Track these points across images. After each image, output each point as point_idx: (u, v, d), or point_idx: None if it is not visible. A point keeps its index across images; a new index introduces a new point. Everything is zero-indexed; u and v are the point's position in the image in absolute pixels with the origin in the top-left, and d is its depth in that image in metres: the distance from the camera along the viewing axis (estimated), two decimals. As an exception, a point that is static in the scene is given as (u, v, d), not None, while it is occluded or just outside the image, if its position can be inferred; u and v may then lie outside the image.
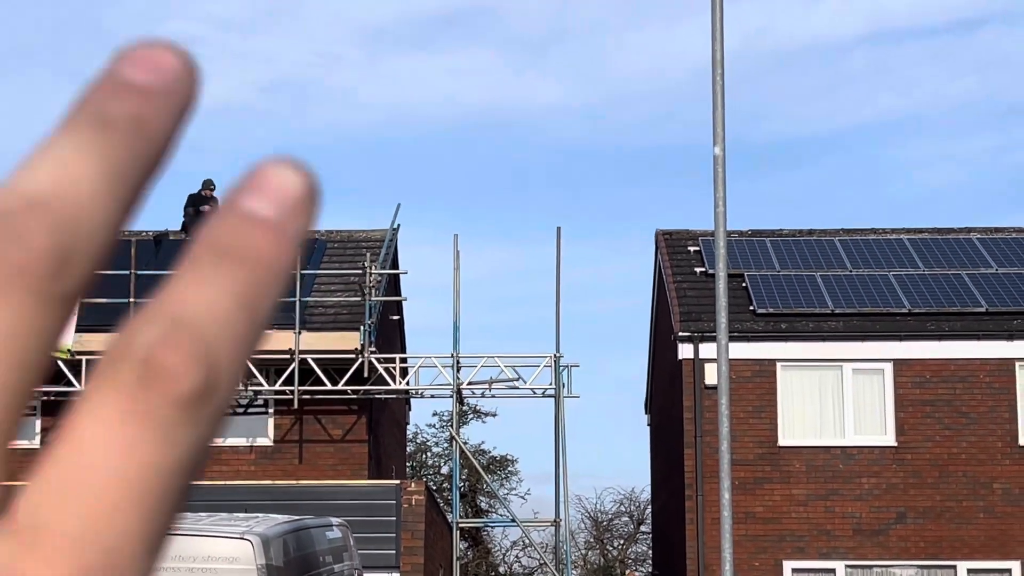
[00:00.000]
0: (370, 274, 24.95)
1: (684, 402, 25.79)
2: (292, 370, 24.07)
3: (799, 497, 25.25)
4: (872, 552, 25.16)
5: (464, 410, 28.85)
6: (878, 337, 25.76)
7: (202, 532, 10.87)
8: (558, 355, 25.57)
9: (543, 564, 39.71)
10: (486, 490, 42.95)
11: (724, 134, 13.65)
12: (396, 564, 19.77)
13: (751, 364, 25.35)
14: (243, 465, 24.71)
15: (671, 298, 27.14)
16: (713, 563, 24.41)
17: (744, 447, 24.60)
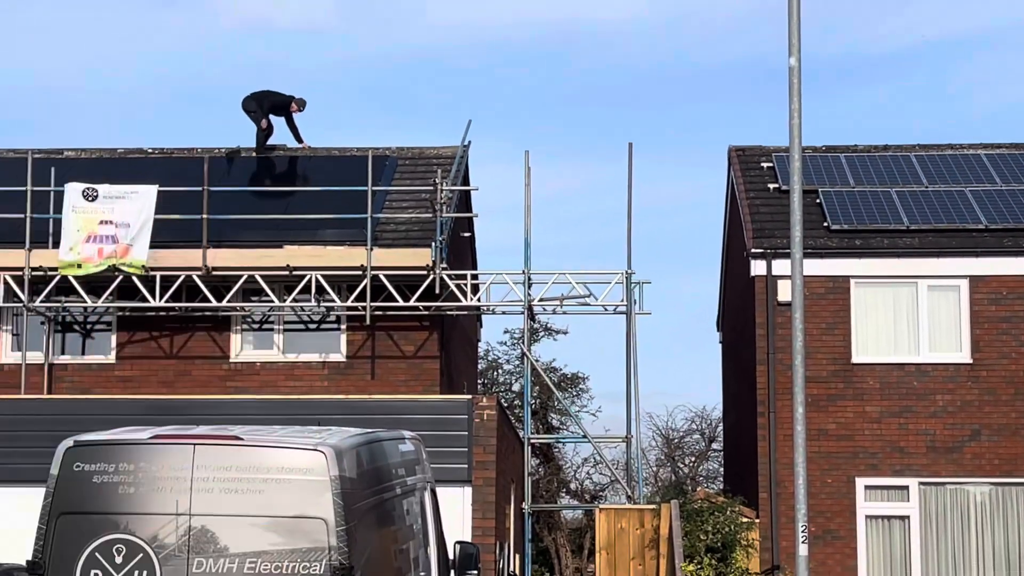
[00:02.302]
0: (441, 191, 25.02)
1: (756, 319, 25.80)
2: (364, 286, 24.22)
3: (872, 414, 25.25)
4: (946, 469, 25.14)
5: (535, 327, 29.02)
6: (954, 253, 25.60)
7: (276, 444, 10.98)
8: (629, 272, 25.60)
9: (614, 481, 40.02)
10: (557, 407, 43.10)
11: (800, 44, 13.51)
12: (468, 478, 19.91)
13: (824, 281, 25.30)
14: (316, 380, 24.94)
15: (744, 215, 27.07)
16: (785, 479, 24.49)
17: (817, 364, 24.63)
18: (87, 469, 10.76)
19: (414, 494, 14.12)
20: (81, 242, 24.30)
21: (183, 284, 24.48)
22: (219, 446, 10.84)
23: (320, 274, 24.34)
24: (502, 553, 21.26)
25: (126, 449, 10.84)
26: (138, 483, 10.69)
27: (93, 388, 24.86)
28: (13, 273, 24.51)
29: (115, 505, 10.65)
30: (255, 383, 24.88)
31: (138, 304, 24.69)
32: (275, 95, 27.91)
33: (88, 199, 24.53)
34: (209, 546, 10.60)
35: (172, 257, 24.54)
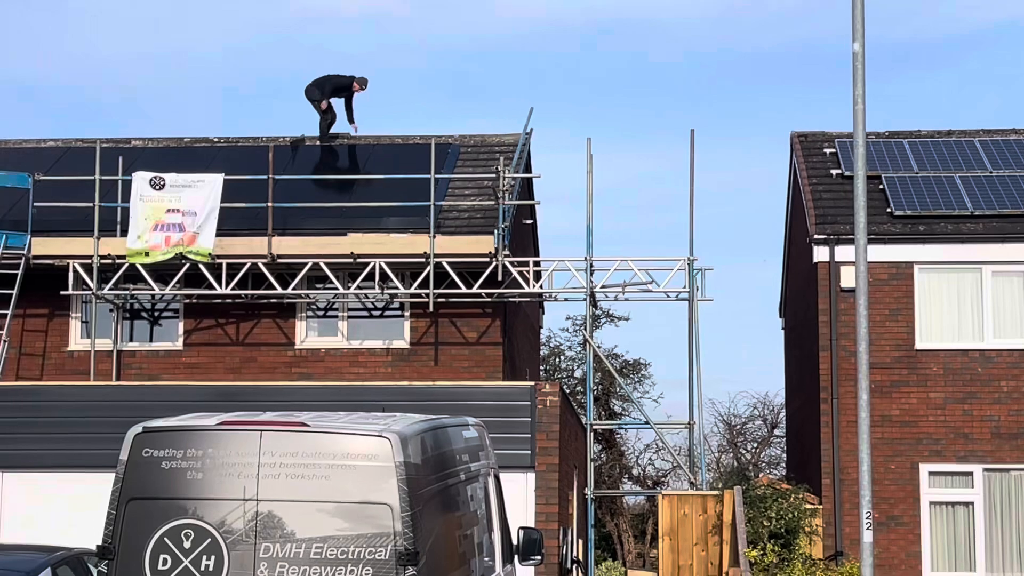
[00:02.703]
0: (503, 178, 25.01)
1: (819, 305, 25.70)
2: (427, 273, 24.28)
3: (936, 400, 25.13)
4: (1011, 456, 25.00)
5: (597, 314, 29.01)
6: (1019, 239, 25.43)
7: (341, 430, 11.02)
8: (692, 258, 25.53)
9: (676, 466, 39.91)
10: (619, 393, 43.16)
11: (863, 30, 13.42)
12: (531, 464, 19.95)
13: (887, 267, 25.20)
14: (380, 367, 25.03)
15: (806, 200, 26.97)
16: (848, 465, 24.47)
17: (880, 350, 24.55)
18: (156, 455, 10.85)
19: (478, 480, 14.16)
20: (149, 230, 24.47)
21: (249, 272, 24.61)
22: (285, 432, 10.90)
23: (384, 261, 24.42)
24: (565, 538, 21.29)
25: (194, 435, 10.92)
26: (206, 469, 10.77)
27: (161, 375, 25.06)
28: (82, 261, 24.71)
29: (183, 490, 10.74)
30: (319, 369, 25.01)
31: (205, 292, 24.84)
32: (337, 78, 28.03)
33: (155, 188, 24.69)
34: (276, 531, 10.67)
35: (238, 245, 24.67)
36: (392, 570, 10.58)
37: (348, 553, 10.61)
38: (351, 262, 24.62)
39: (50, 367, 25.68)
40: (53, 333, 25.85)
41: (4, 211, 25.22)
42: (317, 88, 27.91)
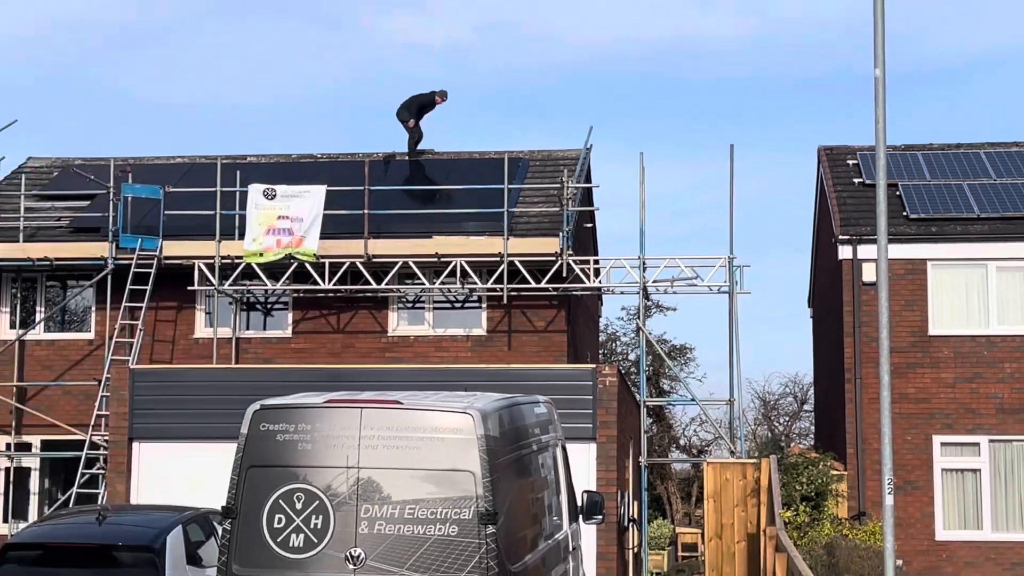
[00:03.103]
0: (567, 188, 25.06)
1: (844, 297, 25.60)
2: (502, 271, 24.33)
3: (947, 380, 25.02)
4: (1013, 428, 24.87)
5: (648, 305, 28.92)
6: (1019, 238, 25.28)
7: (430, 407, 11.08)
8: (731, 256, 25.43)
9: (718, 437, 39.86)
10: (668, 374, 43.06)
11: (884, 56, 13.29)
12: (593, 436, 19.92)
13: (904, 263, 25.07)
14: (461, 351, 25.08)
15: (832, 206, 26.87)
16: (870, 437, 24.40)
17: (898, 336, 24.38)
18: (271, 429, 10.94)
19: (547, 450, 14.17)
20: (262, 234, 24.67)
21: (348, 269, 24.72)
22: (382, 409, 10.96)
23: (464, 260, 24.47)
24: (622, 500, 21.27)
25: (304, 412, 11.00)
26: (314, 441, 10.84)
27: (273, 359, 25.22)
28: (206, 261, 24.94)
29: (295, 459, 10.82)
30: (409, 354, 25.09)
31: (310, 287, 24.99)
32: (420, 96, 28.16)
33: (268, 198, 24.88)
34: (374, 494, 10.72)
35: (338, 247, 24.80)
36: (475, 528, 10.61)
37: (436, 514, 10.65)
38: (436, 261, 24.70)
39: (178, 352, 25.92)
40: (181, 323, 26.09)
41: (139, 218, 25.44)
42: (405, 110, 28.01)
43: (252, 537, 10.76)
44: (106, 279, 25.32)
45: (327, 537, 10.67)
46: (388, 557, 10.60)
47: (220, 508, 11.20)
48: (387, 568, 10.58)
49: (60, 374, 25.91)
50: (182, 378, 21.81)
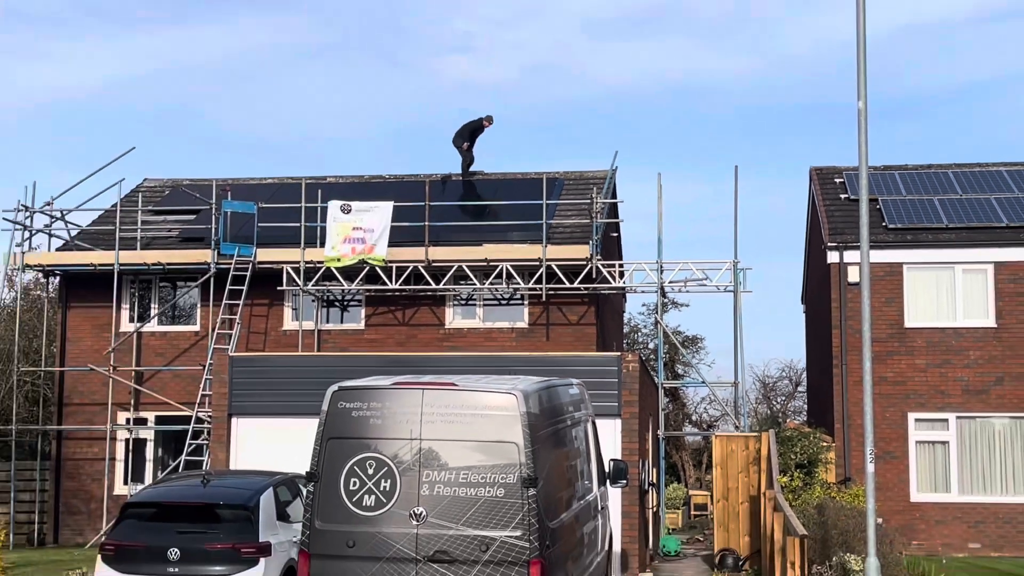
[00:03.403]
0: (596, 203, 25.09)
1: (832, 295, 25.54)
2: (541, 273, 24.36)
3: (920, 365, 24.96)
4: (977, 407, 24.76)
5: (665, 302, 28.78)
6: (982, 245, 25.20)
7: (481, 389, 11.11)
8: (736, 260, 25.38)
9: (725, 414, 39.70)
10: (682, 360, 42.83)
11: (866, 91, 13.19)
12: (618, 413, 19.88)
13: (883, 266, 25.00)
14: (506, 341, 25.12)
15: (822, 217, 26.81)
16: (854, 414, 24.39)
17: (878, 328, 24.39)
18: (347, 406, 10.99)
19: (580, 425, 14.19)
20: (339, 243, 24.79)
21: (411, 272, 24.82)
22: (440, 390, 11.00)
23: (509, 264, 24.52)
24: (643, 467, 21.22)
25: (375, 392, 11.05)
26: (383, 416, 10.90)
27: (348, 348, 25.31)
28: (292, 265, 25.09)
29: (367, 432, 10.87)
30: (463, 343, 25.15)
31: (379, 287, 25.09)
32: (472, 122, 28.21)
33: (344, 212, 25.00)
34: (434, 462, 10.76)
35: (403, 253, 24.90)
36: (518, 491, 10.63)
37: (486, 478, 10.68)
38: (485, 265, 24.74)
39: (270, 342, 26.08)
40: (271, 317, 26.25)
41: (237, 230, 25.61)
42: (459, 136, 28.07)
43: (331, 497, 10.83)
44: (209, 281, 25.54)
45: (394, 497, 10.72)
46: (445, 514, 10.64)
47: (304, 473, 11.27)
48: (444, 524, 10.63)
49: (171, 360, 26.15)
50: (272, 364, 21.92)
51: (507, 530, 10.57)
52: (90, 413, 26.17)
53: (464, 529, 10.59)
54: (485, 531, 10.58)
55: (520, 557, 10.54)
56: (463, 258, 24.78)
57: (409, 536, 10.64)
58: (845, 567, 13.96)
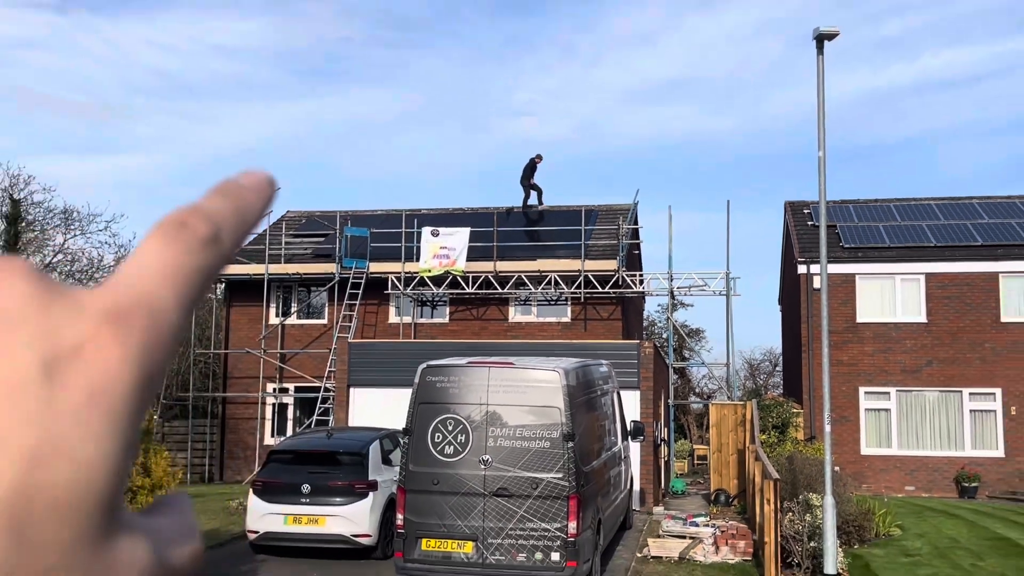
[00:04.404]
0: (621, 228, 25.02)
1: (801, 298, 25.33)
2: (580, 281, 24.33)
3: (868, 351, 24.71)
4: (912, 383, 24.48)
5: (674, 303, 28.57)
6: (916, 260, 24.91)
7: (532, 367, 11.17)
8: (728, 271, 25.19)
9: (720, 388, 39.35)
10: (687, 347, 42.56)
11: (825, 142, 13.08)
12: (637, 386, 19.86)
13: (840, 276, 24.76)
14: (554, 332, 25.10)
15: (793, 239, 26.59)
16: (817, 388, 24.07)
17: (836, 323, 24.14)
18: (433, 379, 11.10)
19: (608, 394, 14.21)
20: (430, 258, 24.93)
21: (483, 280, 24.91)
22: (502, 368, 11.08)
23: (556, 274, 24.52)
24: (657, 427, 21.15)
25: (454, 369, 11.15)
26: (460, 386, 10.99)
27: (436, 336, 25.43)
28: (395, 275, 25.28)
29: (448, 399, 10.97)
30: (521, 334, 25.18)
31: (459, 291, 25.21)
32: (529, 162, 27.67)
33: (433, 235, 25.14)
34: (497, 421, 10.83)
35: (477, 266, 24.98)
36: (560, 443, 10.67)
37: (536, 433, 10.73)
38: (538, 275, 24.76)
39: (378, 332, 26.27)
40: (380, 314, 26.44)
41: (355, 249, 25.85)
42: (523, 176, 27.81)
43: (421, 447, 10.94)
44: (334, 287, 25.79)
45: (468, 448, 10.80)
46: (506, 461, 10.71)
47: (401, 429, 11.40)
48: (505, 467, 10.69)
49: (306, 345, 26.44)
50: (380, 348, 22.14)
51: (552, 473, 10.62)
52: (246, 384, 26.55)
53: (520, 472, 10.65)
54: (535, 473, 10.63)
55: (562, 493, 10.58)
56: (522, 270, 24.82)
57: (479, 476, 10.72)
58: (808, 503, 13.83)
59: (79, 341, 0.33)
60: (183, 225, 0.39)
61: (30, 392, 0.30)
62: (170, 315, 0.36)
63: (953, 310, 24.55)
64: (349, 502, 13.42)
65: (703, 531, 14.98)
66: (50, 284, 0.35)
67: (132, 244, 53.95)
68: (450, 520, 10.68)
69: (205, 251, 0.39)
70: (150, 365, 0.34)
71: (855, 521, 15.29)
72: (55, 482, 0.30)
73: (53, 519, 0.29)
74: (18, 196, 26.09)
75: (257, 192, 0.44)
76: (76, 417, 0.31)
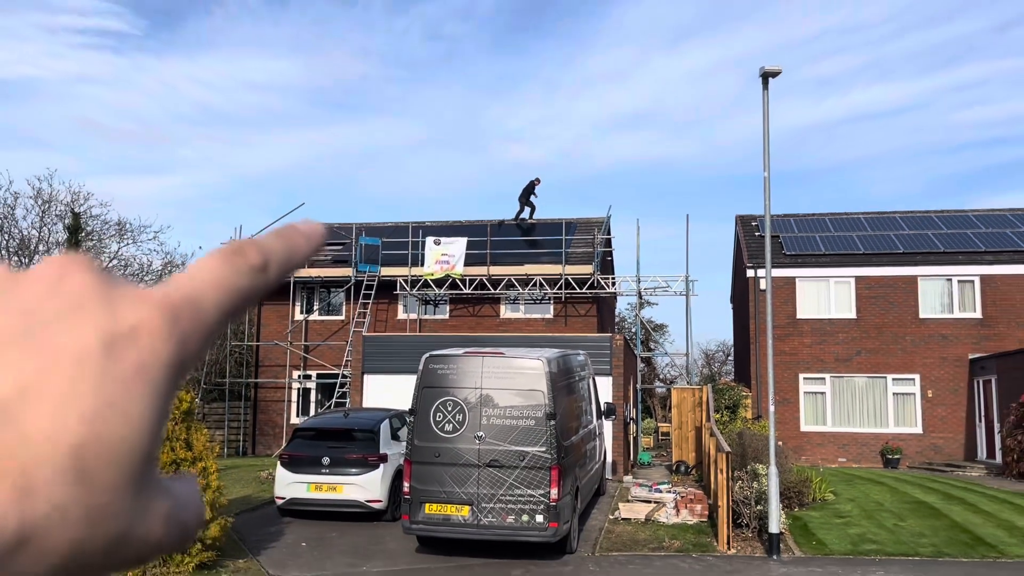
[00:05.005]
0: (596, 238, 24.98)
1: (749, 297, 25.31)
2: (561, 283, 24.26)
3: (807, 343, 24.73)
4: (843, 370, 24.53)
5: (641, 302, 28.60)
6: (847, 266, 24.95)
7: (520, 356, 11.13)
8: (687, 275, 25.17)
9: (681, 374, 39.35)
10: (652, 339, 42.54)
11: (769, 164, 13.09)
12: (610, 373, 19.84)
13: (783, 279, 24.79)
14: (539, 327, 25.04)
15: (743, 247, 26.61)
16: (763, 375, 24.06)
17: (779, 319, 24.18)
18: (435, 367, 11.06)
19: (584, 380, 14.18)
20: (432, 264, 24.86)
21: (478, 282, 24.85)
22: (494, 357, 11.04)
23: (541, 277, 24.48)
24: (627, 408, 21.14)
25: (453, 358, 11.11)
26: (458, 373, 10.95)
27: (438, 331, 25.36)
28: (403, 278, 25.19)
29: (447, 383, 10.93)
30: (511, 328, 25.12)
31: (458, 292, 25.14)
32: (528, 184, 27.56)
33: (436, 244, 25.07)
34: (490, 402, 10.80)
35: (473, 270, 24.90)
36: (544, 421, 10.64)
37: (523, 413, 10.71)
38: (525, 277, 24.72)
39: (389, 327, 26.17)
40: (390, 312, 26.34)
41: (368, 255, 25.77)
42: (522, 193, 27.38)
43: (424, 425, 10.91)
44: (351, 288, 25.70)
45: (464, 425, 10.77)
46: (497, 436, 10.68)
47: (407, 410, 11.36)
48: (496, 442, 10.66)
49: (326, 338, 26.34)
50: (391, 341, 22.10)
51: (536, 447, 10.60)
52: (275, 371, 26.44)
53: (509, 446, 10.62)
54: (522, 447, 10.61)
55: (545, 464, 10.56)
56: (511, 273, 24.76)
57: (474, 450, 10.69)
58: (755, 472, 13.84)
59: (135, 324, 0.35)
60: (239, 251, 0.41)
61: (94, 362, 0.33)
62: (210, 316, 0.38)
63: (879, 308, 24.60)
64: (363, 472, 13.39)
65: (666, 497, 14.98)
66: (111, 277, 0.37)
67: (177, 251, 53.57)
68: (449, 487, 10.66)
69: (252, 276, 0.40)
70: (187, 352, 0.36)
71: (795, 488, 15.31)
72: (111, 435, 0.32)
73: (108, 465, 0.32)
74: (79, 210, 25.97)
75: (308, 238, 0.45)
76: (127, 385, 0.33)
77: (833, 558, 11.56)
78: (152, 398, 0.34)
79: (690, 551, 11.84)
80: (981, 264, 24.26)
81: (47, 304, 0.34)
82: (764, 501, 12.60)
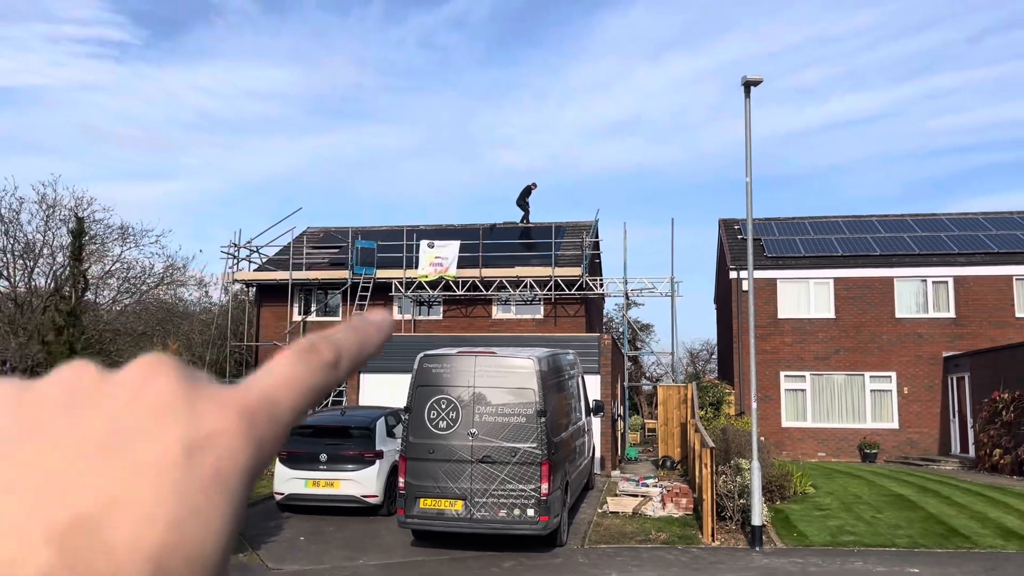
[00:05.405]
0: (585, 241, 24.98)
1: (732, 297, 25.37)
2: (551, 284, 24.25)
3: (788, 341, 24.77)
4: (823, 367, 24.58)
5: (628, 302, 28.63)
6: (826, 267, 25.00)
7: (511, 355, 11.12)
8: (672, 276, 25.19)
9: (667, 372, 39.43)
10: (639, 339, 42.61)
11: (751, 169, 13.13)
12: (598, 371, 19.85)
13: (765, 280, 24.82)
14: (530, 327, 25.02)
15: (726, 250, 26.64)
16: (746, 372, 24.08)
17: (761, 319, 24.22)
18: (429, 366, 11.04)
19: (574, 378, 14.19)
20: (427, 266, 24.81)
21: (471, 284, 24.82)
22: (486, 356, 11.03)
23: (531, 279, 24.47)
24: (614, 405, 21.15)
25: (446, 357, 11.10)
26: (452, 372, 10.94)
27: (432, 331, 25.31)
28: (398, 280, 25.13)
29: (441, 382, 10.92)
30: (503, 328, 25.09)
31: (451, 293, 25.11)
32: (524, 189, 27.63)
33: (429, 247, 25.03)
34: (483, 400, 10.79)
35: (466, 272, 24.86)
36: (535, 419, 10.64)
37: (515, 410, 10.70)
38: (516, 279, 24.70)
39: (384, 327, 26.05)
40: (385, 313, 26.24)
41: (364, 258, 25.69)
42: (519, 196, 27.50)
43: (419, 422, 10.89)
44: (347, 290, 25.63)
45: (458, 423, 10.76)
46: (490, 433, 10.68)
47: (403, 407, 11.34)
48: (489, 439, 10.65)
49: (323, 338, 26.20)
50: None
51: (527, 443, 10.60)
52: (274, 370, 26.30)
53: (501, 442, 10.62)
54: (514, 443, 10.61)
55: (536, 460, 10.56)
56: (503, 275, 24.74)
57: (467, 446, 10.68)
58: (739, 467, 13.87)
59: (214, 429, 0.35)
60: (313, 349, 0.41)
61: (175, 469, 0.33)
62: (285, 416, 0.38)
63: (856, 308, 24.68)
64: (359, 468, 13.37)
65: (652, 491, 15.00)
66: (195, 378, 0.37)
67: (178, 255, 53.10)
68: (443, 483, 10.65)
69: (325, 372, 0.41)
70: (262, 454, 0.37)
71: (777, 482, 15.36)
72: (191, 541, 0.32)
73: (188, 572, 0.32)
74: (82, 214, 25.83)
75: (379, 329, 0.46)
76: (206, 492, 0.33)
77: (813, 549, 11.60)
78: (230, 502, 0.34)
79: (676, 543, 11.86)
80: (954, 266, 24.38)
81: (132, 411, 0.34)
82: (747, 495, 12.63)
